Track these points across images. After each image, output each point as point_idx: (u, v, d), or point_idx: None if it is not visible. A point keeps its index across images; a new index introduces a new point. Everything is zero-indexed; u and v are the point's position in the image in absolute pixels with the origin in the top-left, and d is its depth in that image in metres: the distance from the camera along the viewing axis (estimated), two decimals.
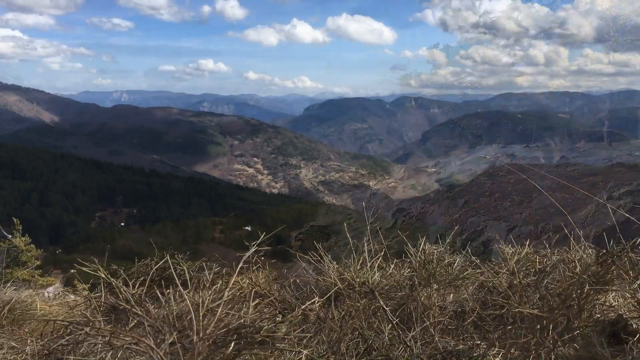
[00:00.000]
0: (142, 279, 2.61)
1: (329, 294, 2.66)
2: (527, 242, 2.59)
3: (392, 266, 2.88)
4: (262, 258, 3.36)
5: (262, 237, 2.90)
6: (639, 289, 2.31)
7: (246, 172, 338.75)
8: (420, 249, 2.99)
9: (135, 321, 1.72)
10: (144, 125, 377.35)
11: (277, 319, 1.98)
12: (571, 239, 2.49)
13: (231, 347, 1.62)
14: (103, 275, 2.41)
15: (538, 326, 2.43)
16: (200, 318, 1.61)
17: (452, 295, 3.21)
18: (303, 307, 2.28)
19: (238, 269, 2.10)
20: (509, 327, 2.52)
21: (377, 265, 2.83)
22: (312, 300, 2.36)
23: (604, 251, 2.34)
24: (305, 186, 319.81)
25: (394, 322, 2.64)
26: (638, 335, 2.34)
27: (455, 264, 2.94)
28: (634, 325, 2.30)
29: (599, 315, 2.44)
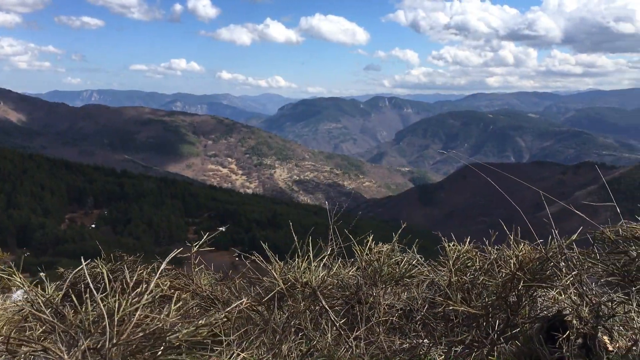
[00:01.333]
0: (58, 282, 2.52)
1: (269, 295, 2.60)
2: (467, 240, 2.57)
3: (337, 265, 2.84)
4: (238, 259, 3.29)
5: (204, 237, 2.83)
6: (571, 286, 2.30)
7: (220, 172, 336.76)
8: (367, 247, 2.95)
9: (44, 327, 1.64)
10: (115, 125, 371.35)
11: (200, 322, 1.88)
12: (510, 236, 2.49)
13: (147, 353, 1.56)
14: (18, 280, 2.38)
15: (474, 324, 2.42)
16: (116, 323, 1.54)
17: (405, 294, 3.19)
18: (228, 309, 2.32)
19: (160, 271, 2.01)
20: (450, 325, 2.50)
21: (322, 264, 2.78)
22: (239, 302, 2.36)
23: (541, 248, 2.47)
24: (279, 186, 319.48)
25: (337, 322, 2.60)
26: (576, 331, 2.33)
27: (403, 263, 2.91)
28: (570, 321, 2.30)
29: (538, 312, 2.45)
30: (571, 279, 2.26)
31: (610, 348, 2.40)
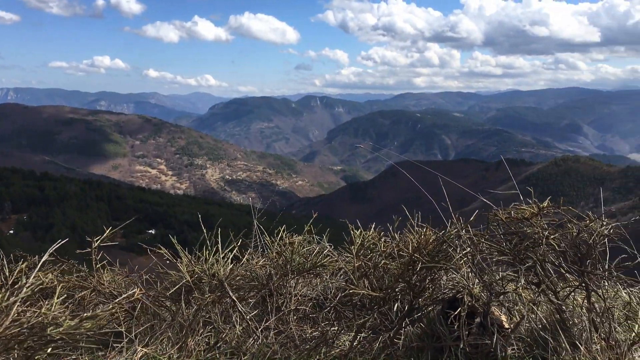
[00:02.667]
0: None
1: (174, 289, 2.54)
2: (373, 226, 2.62)
3: (246, 256, 2.82)
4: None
5: (107, 232, 2.72)
6: (464, 265, 2.37)
7: (149, 174, 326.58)
8: (278, 238, 2.95)
9: None
10: (34, 125, 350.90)
11: (85, 314, 1.84)
12: (413, 221, 2.52)
13: (24, 346, 1.53)
14: None
15: (376, 307, 2.46)
16: None
17: (319, 283, 3.21)
18: (116, 300, 2.28)
19: (40, 264, 2.00)
20: (357, 310, 2.54)
21: (231, 256, 2.75)
22: (129, 293, 2.35)
23: (438, 231, 2.49)
24: (211, 186, 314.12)
25: (245, 313, 2.57)
26: (468, 309, 2.40)
27: (315, 252, 2.92)
28: (463, 300, 2.36)
29: (441, 294, 2.49)
30: (465, 259, 2.32)
31: (506, 326, 2.48)
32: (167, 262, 2.97)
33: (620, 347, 2.25)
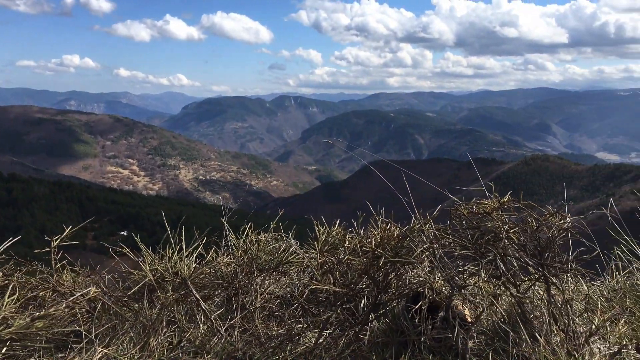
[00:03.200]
0: None
1: (135, 288, 2.50)
2: (337, 222, 2.63)
3: (210, 254, 2.79)
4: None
5: (66, 231, 2.66)
6: (426, 260, 2.38)
7: (121, 174, 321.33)
8: (244, 235, 2.92)
9: None
10: (1, 126, 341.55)
11: (37, 313, 1.87)
12: (377, 217, 2.53)
13: None
14: None
15: (339, 303, 2.46)
16: None
17: (288, 280, 3.20)
18: (70, 299, 2.19)
19: None
20: (322, 308, 2.54)
21: (196, 254, 2.72)
22: (83, 292, 2.34)
23: (402, 226, 2.49)
24: (185, 187, 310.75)
25: (209, 312, 2.55)
26: (428, 303, 2.43)
27: (282, 249, 2.91)
28: (430, 296, 2.38)
29: (406, 288, 2.50)
30: (426, 253, 2.34)
31: (469, 319, 2.51)
32: (137, 262, 2.92)
33: (579, 339, 2.29)
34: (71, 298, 2.22)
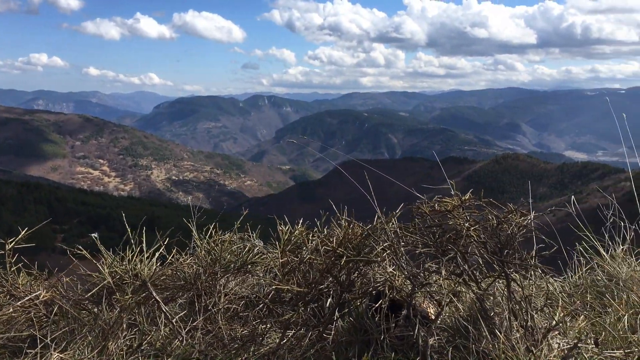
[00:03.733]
0: None
1: (92, 291, 2.44)
2: (301, 221, 2.60)
3: (172, 255, 2.74)
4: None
5: (21, 234, 2.58)
6: (387, 258, 2.40)
7: (91, 175, 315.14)
8: (207, 235, 2.88)
9: None
10: None
11: None
12: (340, 216, 2.52)
13: None
14: None
15: (301, 303, 2.46)
16: None
17: (254, 280, 3.16)
18: (19, 302, 2.15)
19: None
20: (286, 308, 2.52)
21: (158, 255, 2.67)
22: (33, 295, 2.31)
23: (364, 225, 2.49)
24: (157, 187, 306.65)
25: (169, 314, 2.50)
26: (389, 301, 2.44)
27: (246, 249, 2.88)
28: (390, 294, 2.39)
29: (370, 287, 2.50)
30: (387, 252, 2.34)
31: (433, 317, 2.52)
32: (97, 264, 2.85)
33: (538, 334, 2.31)
34: (19, 302, 2.18)
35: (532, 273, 3.08)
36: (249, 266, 2.85)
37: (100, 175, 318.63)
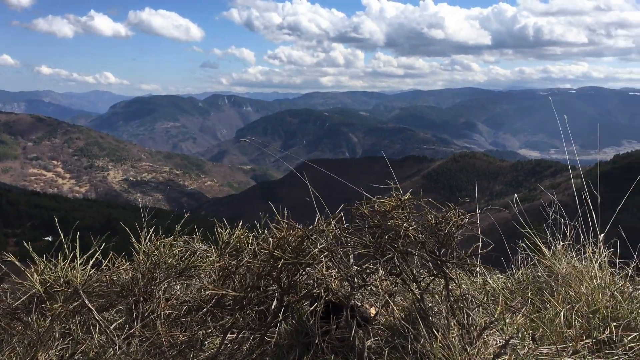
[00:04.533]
0: None
1: (20, 300, 2.38)
2: (240, 223, 2.56)
3: (107, 260, 2.64)
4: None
5: None
6: (324, 259, 2.38)
7: (44, 177, 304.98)
8: (147, 239, 2.79)
9: None
10: None
11: None
12: (280, 218, 2.50)
13: None
14: None
15: (238, 307, 2.43)
16: None
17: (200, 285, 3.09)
18: None
19: None
20: (227, 312, 2.46)
21: (93, 261, 2.57)
22: None
23: (301, 227, 2.47)
24: (114, 189, 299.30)
25: (102, 322, 2.41)
26: (325, 302, 2.42)
27: (188, 253, 2.80)
28: (326, 297, 2.37)
29: (310, 289, 2.47)
30: (325, 253, 2.33)
31: (374, 317, 2.52)
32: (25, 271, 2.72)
33: (475, 332, 2.33)
34: None
35: (477, 271, 3.13)
36: (192, 270, 2.78)
37: (54, 177, 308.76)
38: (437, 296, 2.55)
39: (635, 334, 2.53)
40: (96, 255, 2.61)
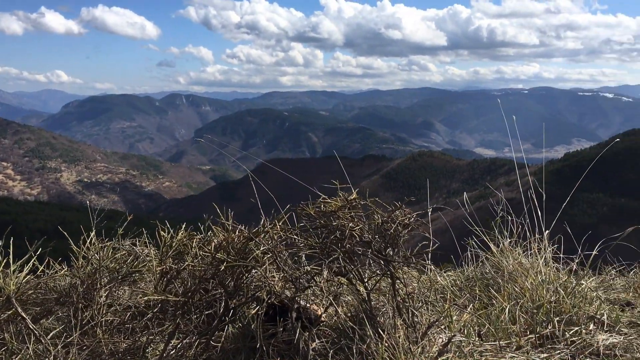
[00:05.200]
0: None
1: None
2: (183, 225, 2.49)
3: (43, 266, 2.51)
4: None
5: None
6: (267, 262, 2.36)
7: None
8: (87, 243, 2.68)
9: None
10: None
11: None
12: (224, 220, 2.49)
13: None
14: None
15: (179, 312, 2.40)
16: None
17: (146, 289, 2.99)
18: None
19: None
20: (170, 317, 2.44)
21: (28, 267, 2.44)
22: None
23: (249, 229, 2.44)
24: (68, 190, 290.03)
25: (37, 331, 2.38)
26: (268, 304, 2.42)
27: (132, 257, 2.71)
28: (269, 299, 2.37)
29: (256, 292, 2.45)
30: (268, 255, 2.31)
31: (322, 319, 2.49)
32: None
33: (420, 330, 2.34)
34: None
35: (427, 270, 3.15)
36: (136, 275, 2.69)
37: (4, 179, 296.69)
38: (385, 296, 2.55)
39: (576, 328, 2.60)
40: (32, 261, 2.48)
